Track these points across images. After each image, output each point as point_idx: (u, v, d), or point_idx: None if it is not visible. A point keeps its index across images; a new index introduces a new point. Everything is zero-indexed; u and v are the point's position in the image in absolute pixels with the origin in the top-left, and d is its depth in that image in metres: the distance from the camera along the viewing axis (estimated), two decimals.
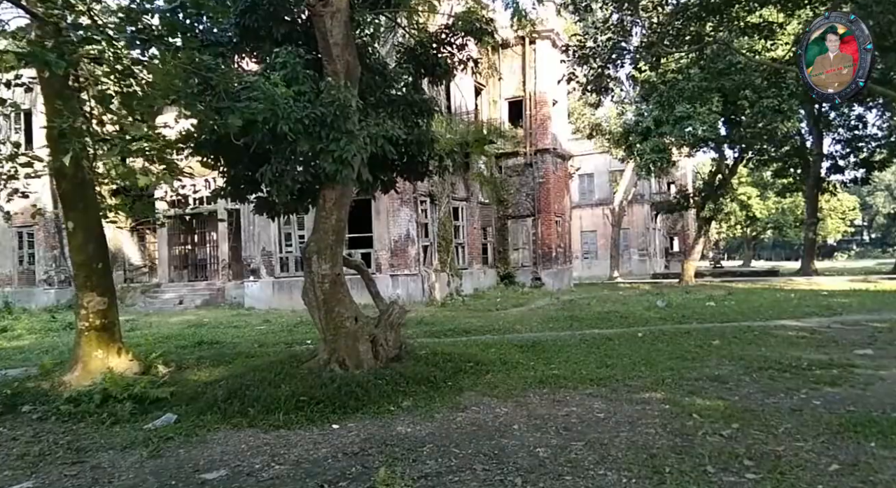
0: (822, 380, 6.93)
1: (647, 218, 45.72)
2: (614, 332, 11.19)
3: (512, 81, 24.01)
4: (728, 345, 9.59)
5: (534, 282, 23.59)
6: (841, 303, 15.71)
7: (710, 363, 8.21)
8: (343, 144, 6.33)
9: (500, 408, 6.17)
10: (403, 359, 7.69)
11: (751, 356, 8.52)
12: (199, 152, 7.72)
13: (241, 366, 7.80)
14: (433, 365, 7.69)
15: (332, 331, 7.22)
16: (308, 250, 7.19)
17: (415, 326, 12.77)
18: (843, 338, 10.14)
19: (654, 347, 9.49)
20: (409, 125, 7.48)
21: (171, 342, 11.39)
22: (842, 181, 35.94)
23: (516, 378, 7.47)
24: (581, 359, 8.65)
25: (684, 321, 12.83)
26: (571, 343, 10.07)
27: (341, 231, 7.30)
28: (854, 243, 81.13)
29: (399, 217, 17.83)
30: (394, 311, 7.87)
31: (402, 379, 6.87)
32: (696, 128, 21.28)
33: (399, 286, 17.83)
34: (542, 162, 23.59)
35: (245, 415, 5.77)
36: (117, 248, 24.73)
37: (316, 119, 6.20)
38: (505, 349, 9.42)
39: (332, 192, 7.12)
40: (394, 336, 7.81)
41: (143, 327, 14.71)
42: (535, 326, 12.58)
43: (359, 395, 6.23)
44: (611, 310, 15.14)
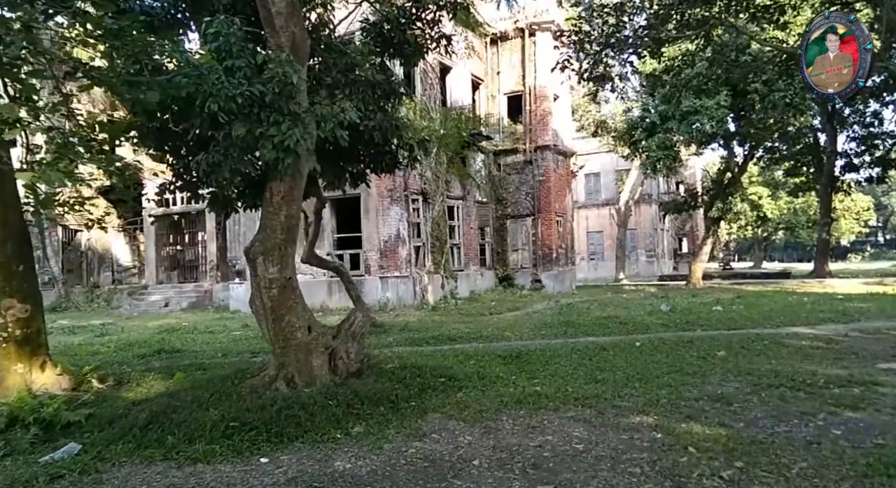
0: (841, 402, 5.99)
1: (655, 218, 44.64)
2: (610, 341, 10.28)
3: (511, 75, 23.11)
4: (734, 356, 8.66)
5: (533, 285, 22.66)
6: (858, 307, 14.70)
7: (713, 379, 7.29)
8: (285, 128, 5.48)
9: (464, 436, 5.29)
10: (365, 375, 6.83)
11: (759, 370, 7.59)
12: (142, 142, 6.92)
13: (184, 380, 6.95)
14: (399, 381, 6.83)
15: (281, 343, 6.37)
16: (252, 251, 6.34)
17: (397, 333, 11.93)
18: (863, 348, 9.17)
19: (651, 359, 8.57)
20: (371, 109, 6.62)
21: (132, 350, 10.59)
22: (857, 180, 34.75)
23: (492, 396, 6.59)
24: (569, 373, 7.75)
25: (688, 328, 11.89)
26: (562, 353, 9.17)
27: (292, 229, 6.45)
28: (868, 244, 79.46)
29: (389, 216, 16.98)
30: (356, 320, 7.01)
31: (358, 400, 6.00)
32: (703, 123, 20.29)
33: (389, 289, 16.98)
34: (543, 159, 22.67)
35: (162, 445, 4.92)
36: (105, 249, 24.07)
37: (252, 98, 5.36)
38: (486, 360, 8.54)
39: (280, 185, 6.27)
40: (356, 347, 6.95)
41: (114, 332, 13.95)
42: (527, 333, 11.68)
43: (301, 420, 5.37)
44: (610, 315, 14.21)
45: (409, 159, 7.63)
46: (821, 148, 33.82)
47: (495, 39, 23.00)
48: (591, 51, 11.22)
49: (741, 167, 26.18)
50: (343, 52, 6.63)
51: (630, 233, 44.73)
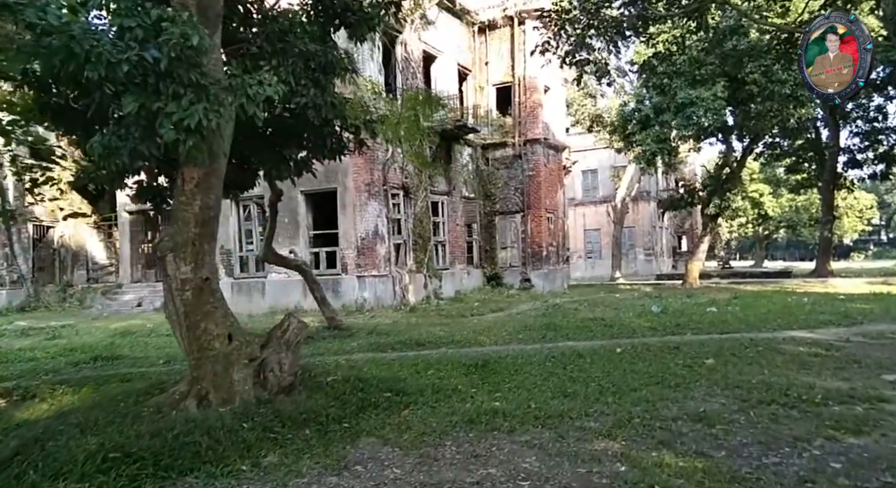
0: (842, 424, 5.15)
1: (654, 216, 43.73)
2: (591, 346, 9.44)
3: (500, 66, 22.22)
4: (724, 365, 7.81)
5: (522, 284, 21.80)
6: (860, 309, 13.83)
7: (696, 392, 6.45)
8: (186, 104, 4.63)
9: (392, 468, 4.46)
10: (299, 390, 5.99)
11: (750, 382, 6.74)
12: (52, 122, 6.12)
13: (91, 396, 6.12)
14: (338, 396, 6.00)
15: (196, 354, 5.53)
16: (161, 247, 5.50)
17: (364, 337, 11.09)
18: (866, 355, 8.32)
19: (631, 368, 7.73)
20: (304, 84, 5.76)
21: (72, 356, 9.76)
22: (860, 176, 33.82)
23: (442, 414, 5.75)
24: (537, 385, 6.91)
25: (677, 331, 11.04)
26: (534, 361, 8.33)
27: (209, 222, 5.61)
28: (871, 243, 78.39)
29: (366, 211, 16.12)
30: (290, 326, 6.16)
31: (280, 421, 5.17)
32: (699, 116, 19.39)
33: (366, 288, 16.14)
34: (533, 153, 21.78)
35: (20, 483, 4.08)
36: (80, 246, 23.26)
37: (144, 65, 4.51)
38: (448, 370, 7.69)
39: (194, 171, 5.43)
40: (290, 358, 6.11)
41: (68, 335, 13.11)
42: (503, 337, 10.84)
43: (202, 448, 4.53)
44: (597, 316, 13.36)
45: (356, 143, 6.75)
46: (823, 143, 32.89)
47: (483, 28, 22.11)
48: (574, 32, 10.36)
49: (739, 162, 25.26)
50: (273, 17, 5.77)
51: (628, 231, 43.84)
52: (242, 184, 7.22)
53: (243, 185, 7.23)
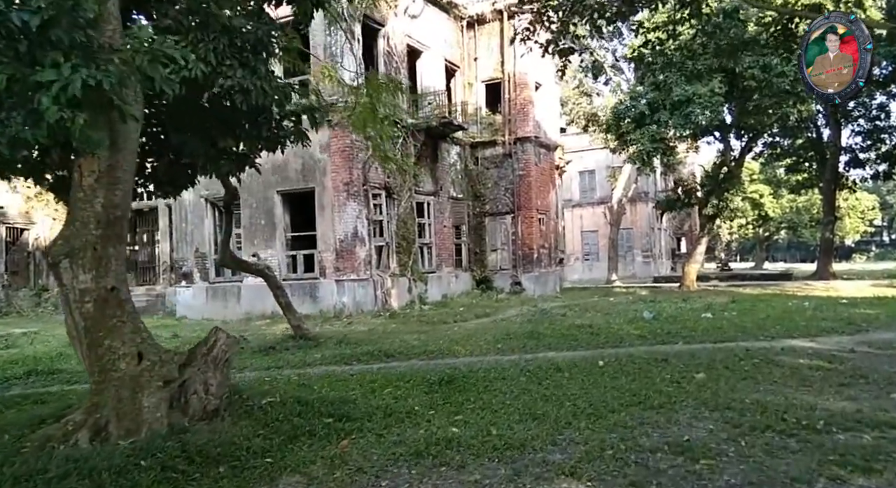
0: (848, 459, 4.38)
1: (652, 217, 42.93)
2: (572, 358, 8.68)
3: (489, 62, 21.46)
4: (715, 380, 7.04)
5: (513, 287, 21.01)
6: (865, 314, 13.06)
7: (682, 415, 5.69)
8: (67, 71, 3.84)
9: None
10: (223, 415, 5.22)
11: (743, 402, 5.98)
12: None
13: None
14: (268, 423, 5.24)
15: (98, 376, 4.77)
16: (53, 252, 4.73)
17: (332, 347, 10.34)
18: (873, 369, 7.55)
19: (612, 384, 6.96)
20: (229, 64, 5.01)
21: (10, 369, 9.01)
22: (862, 176, 33.07)
23: (387, 444, 4.99)
24: (504, 405, 6.15)
25: (669, 339, 10.28)
26: (508, 375, 7.57)
27: (115, 223, 4.84)
28: (873, 244, 77.53)
29: (345, 212, 15.36)
30: (217, 342, 5.40)
31: (189, 457, 4.40)
32: (697, 113, 18.61)
33: (345, 293, 15.38)
34: (523, 152, 21.01)
35: None
36: None
37: (10, 28, 3.76)
38: (409, 387, 6.93)
39: (93, 163, 4.67)
40: (218, 378, 5.35)
41: (23, 344, 12.36)
42: (481, 347, 10.08)
43: None
44: (585, 323, 12.59)
45: (296, 134, 5.99)
46: (824, 143, 32.12)
47: (472, 23, 21.35)
48: (556, 17, 9.61)
49: (738, 161, 24.47)
50: None
51: (626, 233, 43.04)
52: (177, 182, 6.46)
53: (178, 183, 6.47)
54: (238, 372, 8.59)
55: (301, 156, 15.82)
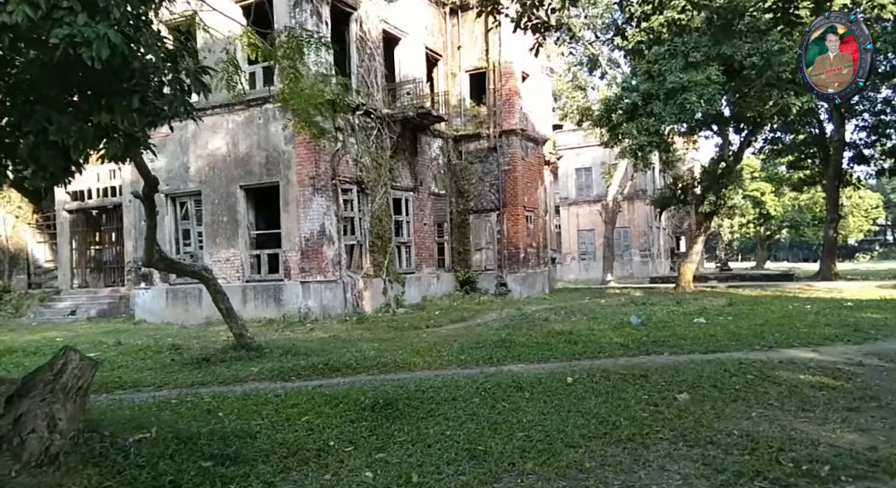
0: None
1: (650, 215, 41.82)
2: (538, 373, 7.58)
3: (473, 50, 20.34)
4: (699, 403, 5.96)
5: (498, 289, 19.89)
6: (872, 319, 11.95)
7: (654, 453, 4.60)
8: None
9: None
10: (64, 460, 4.11)
11: (731, 435, 4.91)
12: None
13: None
14: (122, 470, 4.15)
15: None
16: None
17: (277, 358, 9.25)
18: (885, 388, 6.47)
19: (578, 407, 5.87)
20: (66, 8, 3.91)
21: None
22: (867, 173, 31.92)
23: None
24: (442, 438, 5.06)
25: (654, 350, 9.18)
26: (461, 394, 6.49)
27: None
28: (877, 243, 76.24)
29: (311, 209, 14.26)
30: (67, 366, 4.31)
31: None
32: (692, 102, 17.47)
33: (311, 296, 14.28)
34: (509, 145, 19.87)
35: None
36: (18, 248, 21.47)
37: None
38: (331, 414, 5.80)
39: None
40: (69, 411, 4.25)
41: None
42: (443, 358, 8.99)
43: None
44: (566, 329, 11.49)
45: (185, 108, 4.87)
46: (827, 138, 30.97)
47: (455, 9, 20.20)
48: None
49: (736, 155, 23.29)
50: None
51: (623, 232, 41.93)
52: (48, 166, 5.34)
53: (50, 167, 5.35)
54: (156, 389, 7.53)
55: (265, 149, 14.75)
